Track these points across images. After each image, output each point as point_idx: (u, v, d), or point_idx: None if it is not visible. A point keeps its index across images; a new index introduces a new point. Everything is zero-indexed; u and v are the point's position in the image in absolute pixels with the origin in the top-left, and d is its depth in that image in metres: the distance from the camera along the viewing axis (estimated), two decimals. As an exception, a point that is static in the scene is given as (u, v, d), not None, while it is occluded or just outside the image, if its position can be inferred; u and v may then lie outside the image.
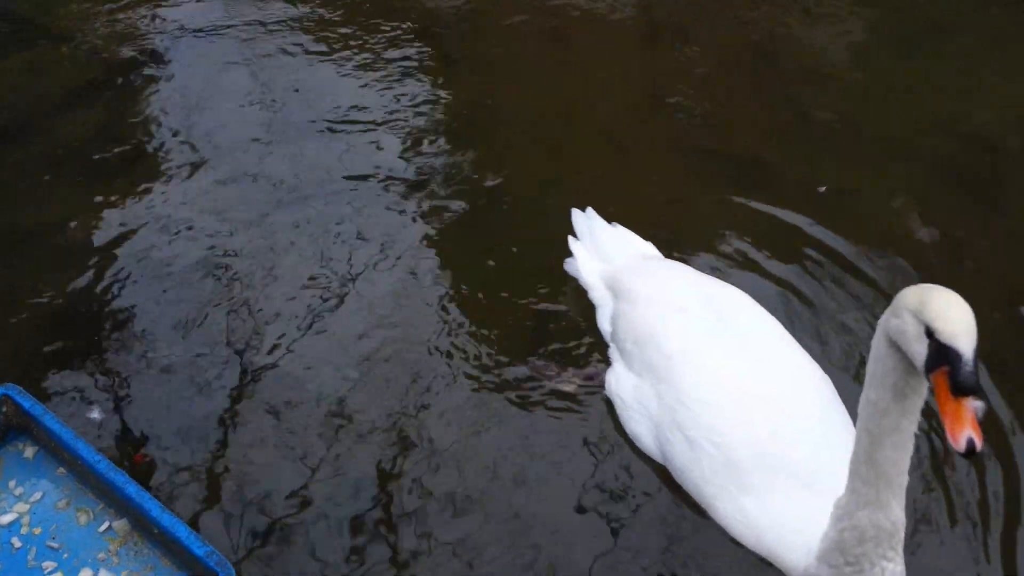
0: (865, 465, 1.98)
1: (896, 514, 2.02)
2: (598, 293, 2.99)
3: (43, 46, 4.81)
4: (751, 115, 4.24)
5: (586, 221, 3.19)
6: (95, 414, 2.85)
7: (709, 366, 2.54)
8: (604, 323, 2.93)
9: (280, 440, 2.79)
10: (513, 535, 2.55)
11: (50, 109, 4.31)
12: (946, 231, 3.54)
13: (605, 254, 3.07)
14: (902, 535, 2.04)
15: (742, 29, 4.90)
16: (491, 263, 3.44)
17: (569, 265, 3.12)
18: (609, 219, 3.29)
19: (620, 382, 2.72)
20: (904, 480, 1.98)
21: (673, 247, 3.34)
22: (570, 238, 3.14)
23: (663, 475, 2.63)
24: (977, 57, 4.59)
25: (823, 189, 3.75)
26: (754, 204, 3.66)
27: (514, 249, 3.50)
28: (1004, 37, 4.76)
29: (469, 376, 2.99)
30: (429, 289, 3.33)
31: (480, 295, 3.31)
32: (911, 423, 1.92)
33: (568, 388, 2.90)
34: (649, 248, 3.14)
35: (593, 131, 4.17)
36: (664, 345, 2.62)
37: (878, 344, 1.90)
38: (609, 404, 2.80)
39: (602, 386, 2.83)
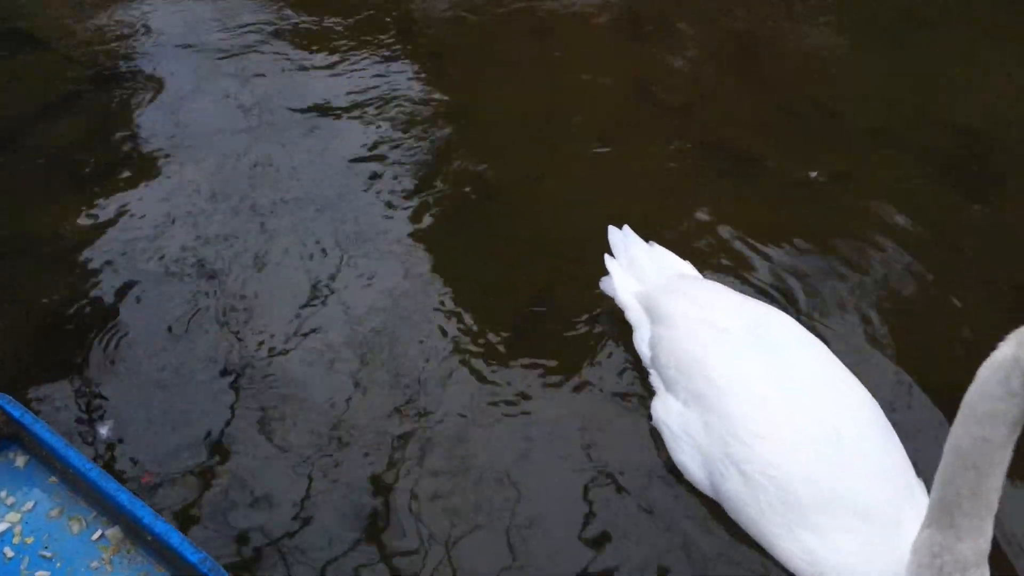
0: (969, 500, 1.91)
1: (991, 533, 1.97)
2: (634, 314, 2.90)
3: (27, 53, 4.80)
4: (738, 107, 4.24)
5: (622, 239, 3.08)
6: (104, 430, 2.83)
7: (760, 396, 2.43)
8: (642, 346, 2.83)
9: (274, 445, 2.78)
10: (513, 546, 2.53)
11: (35, 116, 4.30)
12: (935, 220, 3.55)
13: (641, 273, 2.97)
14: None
15: (726, 22, 4.91)
16: (483, 260, 3.44)
17: (605, 284, 3.05)
18: (600, 212, 3.28)
19: (667, 410, 2.62)
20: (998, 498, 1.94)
21: (666, 239, 3.34)
22: (606, 256, 3.05)
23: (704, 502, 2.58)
24: (960, 49, 4.61)
25: (815, 174, 3.75)
26: (744, 195, 3.67)
27: (505, 244, 3.50)
28: (986, 30, 4.78)
29: (466, 378, 2.99)
30: (421, 288, 3.33)
31: (473, 292, 3.31)
32: (1013, 448, 1.87)
33: None
34: (687, 267, 3.04)
35: (580, 125, 4.16)
36: (710, 372, 2.52)
37: (1010, 384, 1.75)
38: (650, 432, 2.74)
39: (648, 417, 2.74)
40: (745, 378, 2.48)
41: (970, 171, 3.82)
